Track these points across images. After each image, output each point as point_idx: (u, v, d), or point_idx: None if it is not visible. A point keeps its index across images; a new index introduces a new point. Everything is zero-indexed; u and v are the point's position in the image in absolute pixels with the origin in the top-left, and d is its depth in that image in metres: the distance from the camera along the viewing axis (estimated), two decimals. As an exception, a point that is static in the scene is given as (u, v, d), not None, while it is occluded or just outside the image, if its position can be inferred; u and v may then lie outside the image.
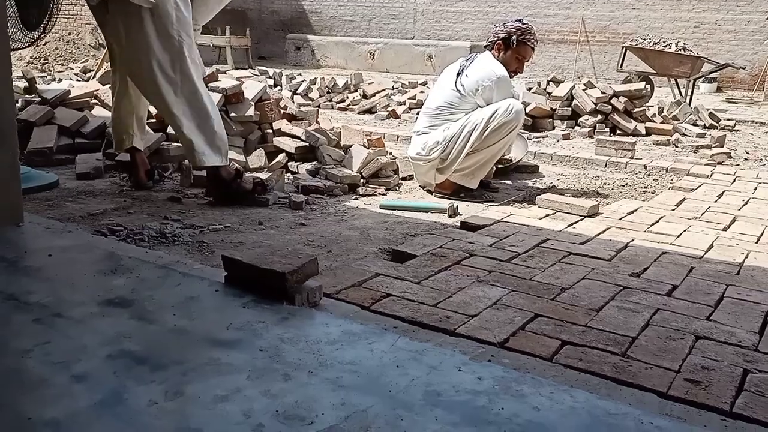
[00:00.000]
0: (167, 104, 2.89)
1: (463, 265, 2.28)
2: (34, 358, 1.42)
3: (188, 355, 1.47)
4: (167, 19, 2.82)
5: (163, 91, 2.87)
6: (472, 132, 3.40)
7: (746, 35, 12.00)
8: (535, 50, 3.64)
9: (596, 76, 12.26)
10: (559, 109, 6.13)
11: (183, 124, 2.90)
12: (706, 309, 1.98)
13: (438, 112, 3.56)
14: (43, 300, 1.72)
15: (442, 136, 3.48)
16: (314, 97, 7.56)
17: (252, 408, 1.26)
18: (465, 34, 14.12)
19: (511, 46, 3.51)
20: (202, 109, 2.93)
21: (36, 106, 4.16)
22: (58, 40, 13.17)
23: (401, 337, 1.62)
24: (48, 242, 2.18)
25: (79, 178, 3.47)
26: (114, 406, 1.25)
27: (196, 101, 2.92)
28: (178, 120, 2.90)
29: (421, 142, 3.57)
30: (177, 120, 2.90)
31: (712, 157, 4.82)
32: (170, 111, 2.89)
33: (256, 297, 1.78)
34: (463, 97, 3.48)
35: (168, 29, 2.82)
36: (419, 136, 3.62)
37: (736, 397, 1.47)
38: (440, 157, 3.47)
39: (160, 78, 2.85)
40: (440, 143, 3.47)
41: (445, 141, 3.46)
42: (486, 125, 3.37)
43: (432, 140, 3.51)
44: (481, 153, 3.43)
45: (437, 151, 3.48)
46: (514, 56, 3.52)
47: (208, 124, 2.94)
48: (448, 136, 3.45)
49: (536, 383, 1.42)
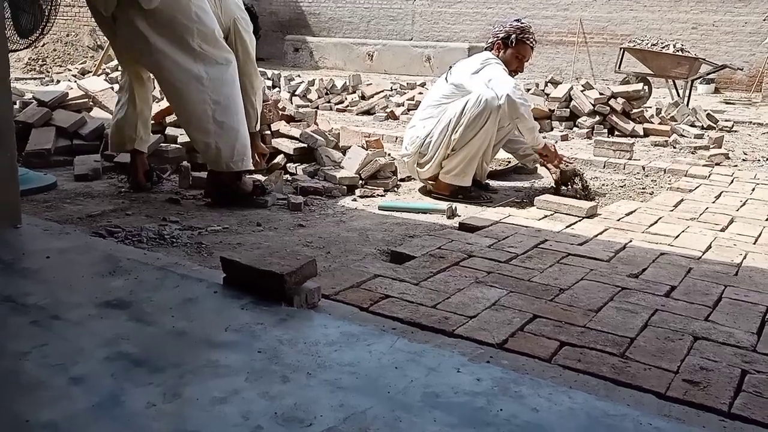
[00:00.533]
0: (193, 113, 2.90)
1: (462, 266, 2.28)
2: (32, 360, 1.42)
3: (186, 356, 1.47)
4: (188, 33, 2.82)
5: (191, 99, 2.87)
6: (447, 128, 3.41)
7: (744, 36, 12.01)
8: (534, 51, 3.64)
9: (594, 78, 12.27)
10: (557, 110, 6.13)
11: (211, 132, 2.90)
12: (704, 310, 1.98)
13: (428, 107, 3.59)
14: (41, 302, 1.71)
15: (423, 132, 3.51)
16: (313, 98, 7.56)
17: (250, 410, 1.26)
18: (463, 36, 14.13)
19: (510, 46, 3.53)
20: (231, 115, 2.94)
21: (34, 107, 4.16)
22: (56, 41, 13.16)
23: (400, 338, 1.62)
24: (46, 244, 2.18)
25: (78, 180, 3.47)
26: (112, 408, 1.25)
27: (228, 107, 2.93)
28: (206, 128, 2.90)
29: (407, 137, 3.63)
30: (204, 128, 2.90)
31: (710, 158, 4.83)
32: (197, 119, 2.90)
33: (255, 298, 1.78)
34: (456, 87, 3.48)
35: (189, 43, 2.83)
36: (408, 130, 3.68)
37: (735, 397, 1.47)
38: (419, 151, 3.50)
39: (186, 88, 2.85)
40: (419, 138, 3.51)
41: (423, 136, 3.49)
42: (458, 121, 3.37)
43: (414, 134, 3.56)
44: (464, 149, 3.42)
45: (414, 146, 3.53)
46: (514, 55, 3.54)
47: (239, 129, 2.97)
48: (427, 131, 3.48)
49: (535, 384, 1.42)
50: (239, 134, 2.98)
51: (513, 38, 3.51)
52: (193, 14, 2.85)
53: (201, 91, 2.86)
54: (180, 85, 2.87)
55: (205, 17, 2.90)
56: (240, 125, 2.99)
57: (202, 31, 2.87)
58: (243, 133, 3.01)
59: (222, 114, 2.91)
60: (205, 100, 2.87)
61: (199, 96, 2.86)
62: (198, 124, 2.92)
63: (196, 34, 2.85)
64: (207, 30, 2.89)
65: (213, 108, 2.89)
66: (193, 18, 2.85)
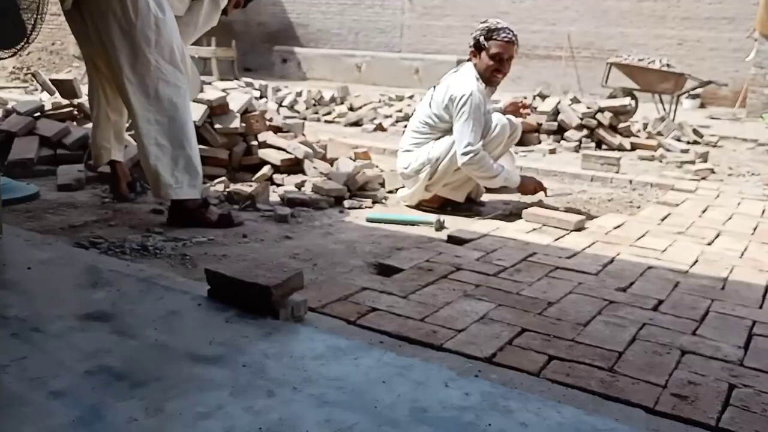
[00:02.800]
0: (138, 129, 2.75)
1: (450, 279, 2.27)
2: (11, 374, 1.39)
3: (169, 371, 1.44)
4: (145, 42, 2.68)
5: (137, 114, 2.73)
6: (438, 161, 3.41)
7: (728, 53, 12.18)
8: (521, 64, 3.59)
9: (582, 91, 12.36)
10: (545, 123, 6.17)
11: (151, 154, 2.75)
12: (691, 324, 1.98)
13: (417, 130, 3.54)
14: (21, 314, 1.68)
15: (426, 158, 3.44)
16: (300, 109, 7.55)
17: (234, 425, 1.24)
18: (452, 48, 14.21)
19: (482, 49, 3.42)
20: (177, 137, 2.77)
21: (17, 116, 4.11)
22: (41, 50, 13.09)
23: (387, 352, 1.60)
24: (27, 255, 2.14)
25: (60, 190, 3.43)
26: (92, 423, 1.22)
27: (173, 129, 2.76)
28: (146, 149, 2.75)
29: (407, 160, 3.55)
30: (145, 149, 2.75)
31: (697, 173, 4.87)
32: (140, 136, 2.75)
33: (240, 311, 1.75)
34: (435, 117, 3.44)
35: (145, 53, 2.68)
36: (404, 153, 3.60)
37: (723, 411, 1.47)
38: (429, 175, 3.45)
39: (134, 101, 2.72)
40: (426, 165, 3.44)
41: (430, 161, 3.43)
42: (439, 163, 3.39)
43: (416, 160, 3.48)
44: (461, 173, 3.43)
45: (425, 173, 3.44)
46: (488, 57, 3.41)
47: (184, 154, 2.79)
48: (433, 157, 3.42)
49: (523, 399, 1.41)
50: (182, 160, 2.79)
51: (482, 41, 3.41)
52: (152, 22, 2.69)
53: (147, 109, 2.73)
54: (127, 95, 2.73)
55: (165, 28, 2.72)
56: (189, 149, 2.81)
57: (159, 42, 2.71)
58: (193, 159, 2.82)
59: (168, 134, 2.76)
60: (149, 119, 2.73)
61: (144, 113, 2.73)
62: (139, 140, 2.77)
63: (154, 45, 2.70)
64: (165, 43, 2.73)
65: (156, 128, 2.74)
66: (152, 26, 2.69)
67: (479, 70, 3.46)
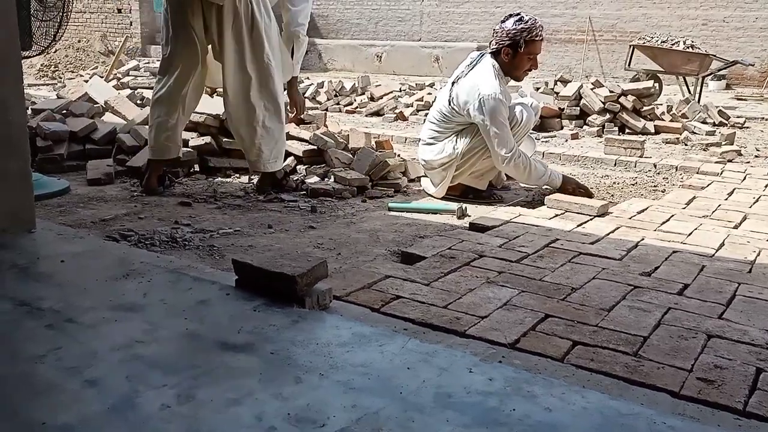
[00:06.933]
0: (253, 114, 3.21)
1: (473, 266, 2.28)
2: (47, 363, 1.43)
3: (200, 359, 1.48)
4: (265, 41, 3.20)
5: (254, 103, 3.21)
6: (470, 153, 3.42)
7: (755, 32, 11.92)
8: (543, 49, 3.52)
9: (604, 75, 12.21)
10: (567, 108, 6.11)
11: (258, 134, 3.25)
12: (717, 308, 1.97)
13: (436, 122, 3.51)
14: (55, 306, 1.73)
15: (452, 152, 3.41)
16: (322, 100, 7.57)
17: (263, 411, 1.27)
18: (472, 35, 14.12)
19: (519, 50, 3.34)
20: (278, 123, 3.32)
21: (48, 113, 4.19)
22: (67, 47, 13.28)
23: (411, 338, 1.62)
24: (60, 248, 2.20)
25: (90, 184, 3.50)
26: (126, 410, 1.26)
27: (277, 115, 3.29)
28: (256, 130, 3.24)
29: (429, 153, 3.51)
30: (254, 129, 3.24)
31: (722, 155, 4.79)
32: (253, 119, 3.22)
33: (267, 300, 1.79)
34: (453, 111, 3.41)
35: (263, 50, 3.20)
36: (424, 145, 3.57)
37: (750, 395, 1.46)
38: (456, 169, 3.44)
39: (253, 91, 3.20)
40: (453, 159, 3.42)
41: (456, 156, 3.40)
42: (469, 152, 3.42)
43: (440, 153, 3.45)
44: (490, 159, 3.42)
45: (451, 167, 3.43)
46: (525, 57, 3.37)
47: (281, 137, 3.37)
48: (459, 152, 3.40)
49: (548, 384, 1.42)
50: (279, 141, 3.35)
51: (521, 42, 3.33)
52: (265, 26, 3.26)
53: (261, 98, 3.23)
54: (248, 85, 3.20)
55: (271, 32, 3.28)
56: (281, 133, 3.37)
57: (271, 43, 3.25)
58: (283, 138, 3.40)
59: (270, 120, 3.26)
60: (261, 105, 3.23)
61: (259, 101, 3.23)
62: (251, 124, 3.24)
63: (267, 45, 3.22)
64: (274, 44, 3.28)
65: (264, 113, 3.24)
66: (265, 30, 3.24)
67: (506, 67, 3.40)
